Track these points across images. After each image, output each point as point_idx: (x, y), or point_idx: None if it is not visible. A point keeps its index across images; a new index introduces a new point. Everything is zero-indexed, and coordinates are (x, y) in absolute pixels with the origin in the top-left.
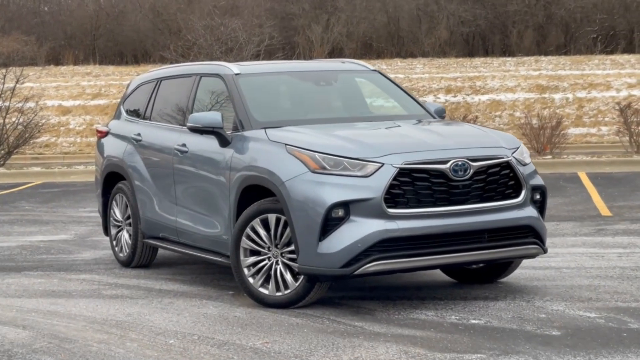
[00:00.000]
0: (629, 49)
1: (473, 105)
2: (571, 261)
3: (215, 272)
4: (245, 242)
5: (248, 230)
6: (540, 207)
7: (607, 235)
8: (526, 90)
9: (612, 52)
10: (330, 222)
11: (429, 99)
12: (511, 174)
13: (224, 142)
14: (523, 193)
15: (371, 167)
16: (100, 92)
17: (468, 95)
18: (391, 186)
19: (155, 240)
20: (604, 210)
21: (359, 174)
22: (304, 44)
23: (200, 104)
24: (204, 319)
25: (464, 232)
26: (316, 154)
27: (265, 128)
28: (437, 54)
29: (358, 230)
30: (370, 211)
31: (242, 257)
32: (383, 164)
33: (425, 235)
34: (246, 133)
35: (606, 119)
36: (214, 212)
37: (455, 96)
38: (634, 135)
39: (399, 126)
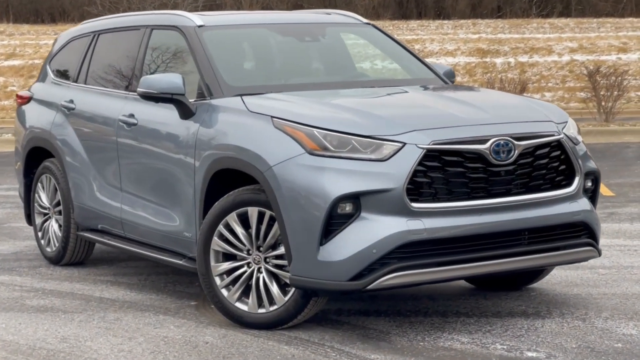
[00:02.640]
0: (566, 13)
1: None
2: (602, 257)
3: (168, 272)
4: (217, 243)
5: (221, 227)
6: (592, 197)
7: (623, 221)
8: (466, 54)
9: (547, 16)
10: (335, 220)
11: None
12: (562, 156)
13: (186, 112)
14: (576, 181)
15: (389, 147)
16: (15, 52)
17: None
18: (415, 173)
19: (92, 233)
20: (604, 190)
21: (372, 156)
22: (231, 3)
23: (152, 64)
24: (165, 346)
25: (507, 232)
26: (315, 130)
27: (240, 95)
28: (370, 16)
29: (372, 232)
30: (388, 206)
31: (212, 263)
32: (405, 144)
33: (460, 237)
34: (216, 102)
35: (549, 84)
36: (172, 201)
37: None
38: (602, 102)
39: (408, 92)
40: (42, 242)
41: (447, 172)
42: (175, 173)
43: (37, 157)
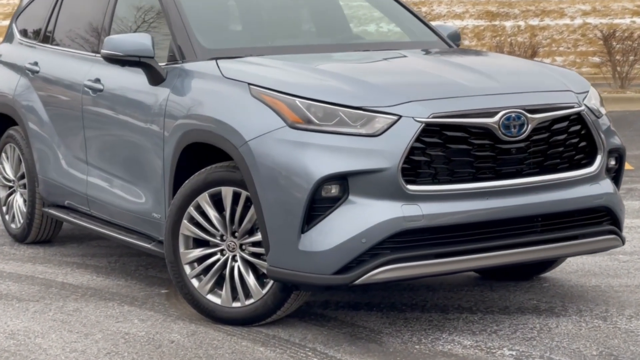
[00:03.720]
0: None
1: None
2: None
3: (141, 254)
4: (186, 227)
5: (191, 209)
6: (616, 178)
7: None
8: (475, 17)
9: None
10: (319, 204)
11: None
12: (583, 132)
13: (156, 77)
14: (598, 159)
15: (382, 120)
16: None
17: None
18: (412, 151)
19: (58, 210)
20: None
21: (362, 131)
22: None
23: (122, 22)
24: (124, 345)
25: (518, 218)
26: (297, 100)
27: (216, 59)
28: None
29: (361, 218)
30: (380, 189)
31: (182, 249)
32: (400, 117)
33: (463, 224)
34: (188, 66)
35: (561, 48)
36: (140, 177)
37: None
38: (617, 67)
39: (406, 57)
40: (7, 217)
41: (448, 149)
42: (143, 146)
43: (1, 125)
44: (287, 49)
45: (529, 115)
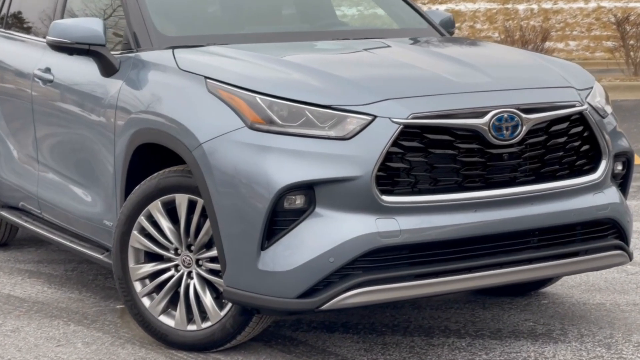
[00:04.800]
0: None
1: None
2: (632, 248)
3: None
4: (137, 239)
5: (142, 219)
6: (623, 185)
7: None
8: (487, 0)
9: None
10: (282, 217)
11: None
12: (585, 134)
13: (108, 68)
14: (603, 165)
15: (354, 121)
16: None
17: (425, 4)
18: (388, 156)
19: (11, 212)
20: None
21: (332, 133)
22: None
23: (76, 7)
24: None
25: (511, 233)
26: (257, 97)
27: (173, 48)
28: None
29: (329, 233)
30: (352, 200)
31: (132, 264)
32: (375, 117)
33: (447, 241)
34: (144, 55)
35: (574, 32)
36: (91, 179)
37: None
38: (631, 53)
39: (390, 47)
40: None
41: (431, 155)
42: (94, 145)
43: None
44: (257, 36)
45: (523, 115)
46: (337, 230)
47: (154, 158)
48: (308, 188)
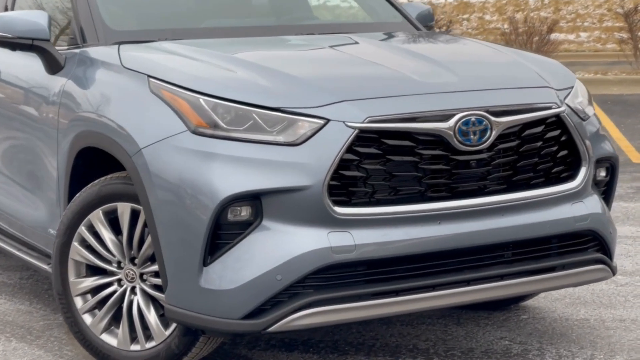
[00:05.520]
0: None
1: (438, 6)
2: (624, 256)
3: None
4: (77, 251)
5: (82, 229)
6: (606, 192)
7: None
8: None
9: None
10: (226, 230)
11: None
12: (563, 138)
13: (53, 65)
14: (583, 172)
15: (305, 125)
16: None
17: None
18: (342, 164)
19: None
20: (633, 154)
21: (280, 138)
22: None
23: (24, 1)
24: None
25: (480, 247)
26: (201, 98)
27: (119, 43)
28: None
29: (277, 248)
30: (302, 211)
31: (72, 278)
32: (328, 121)
33: (409, 256)
34: (90, 51)
35: (585, 23)
36: (35, 184)
37: None
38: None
39: (357, 43)
40: None
41: (390, 162)
42: (38, 148)
43: None
44: (216, 31)
45: (493, 118)
46: (286, 245)
47: (99, 163)
48: (254, 198)
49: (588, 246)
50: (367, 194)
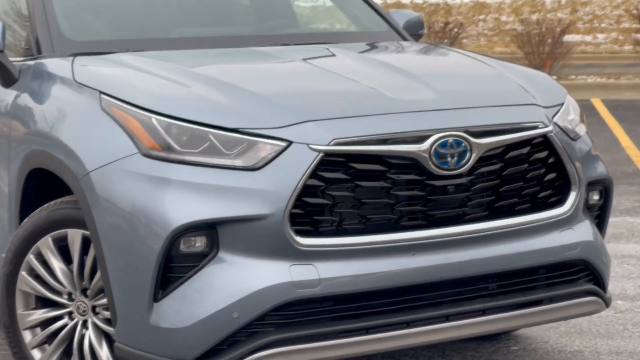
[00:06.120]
0: None
1: (454, 7)
2: (626, 278)
3: None
4: (25, 281)
5: (31, 258)
6: (600, 217)
7: None
8: None
9: None
10: (178, 262)
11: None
12: (551, 160)
13: (6, 77)
14: (572, 196)
15: (265, 148)
16: None
17: None
18: (306, 190)
19: None
20: None
21: (238, 162)
22: None
23: None
24: None
25: (458, 280)
26: (153, 117)
27: (74, 55)
28: None
29: (234, 283)
30: (262, 242)
31: (20, 310)
32: (290, 143)
33: (380, 291)
34: (46, 63)
35: (602, 24)
36: None
37: None
38: None
39: (333, 56)
40: None
41: (359, 188)
42: None
43: None
44: (185, 41)
45: (473, 140)
46: (243, 279)
47: (52, 185)
48: (209, 228)
49: (579, 277)
50: (333, 223)
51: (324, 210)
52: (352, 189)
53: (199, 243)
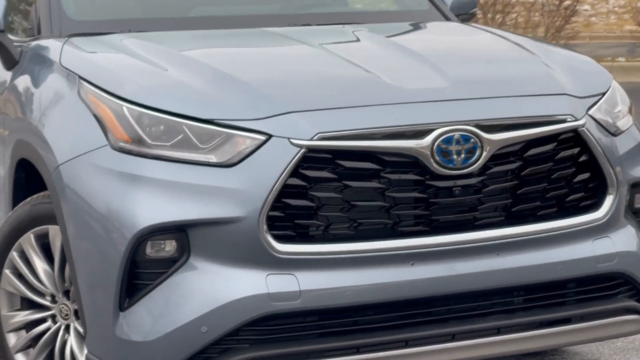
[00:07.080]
0: None
1: None
2: None
3: None
4: (9, 280)
5: (14, 255)
6: None
7: None
8: None
9: None
10: (145, 268)
11: None
12: (583, 158)
13: (7, 59)
14: (609, 200)
15: (243, 141)
16: None
17: None
18: (286, 190)
19: None
20: None
21: (212, 158)
22: None
23: None
24: None
25: (466, 295)
26: (125, 106)
27: (71, 36)
28: None
29: (204, 293)
30: (235, 248)
31: (4, 310)
32: (270, 137)
33: (371, 305)
34: (43, 44)
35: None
36: None
37: None
38: None
39: (352, 38)
40: None
41: (348, 188)
42: None
43: None
44: (200, 21)
45: (484, 135)
46: (215, 289)
47: (40, 177)
48: (180, 231)
49: (617, 291)
50: (319, 228)
51: (307, 213)
52: (341, 189)
53: (168, 247)
